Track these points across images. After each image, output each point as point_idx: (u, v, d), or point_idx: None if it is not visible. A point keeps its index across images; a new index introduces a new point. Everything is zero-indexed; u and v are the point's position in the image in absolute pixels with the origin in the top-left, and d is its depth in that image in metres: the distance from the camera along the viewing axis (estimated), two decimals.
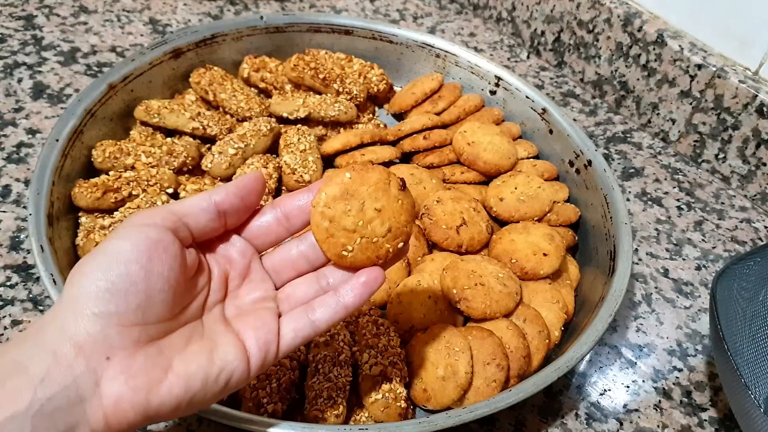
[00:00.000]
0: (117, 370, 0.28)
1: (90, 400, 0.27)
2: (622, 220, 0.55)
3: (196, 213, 0.32)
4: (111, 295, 0.28)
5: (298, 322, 0.34)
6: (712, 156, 0.71)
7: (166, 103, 0.61)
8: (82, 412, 0.27)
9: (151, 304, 0.29)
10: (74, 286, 0.28)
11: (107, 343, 0.28)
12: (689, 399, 0.51)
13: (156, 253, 0.29)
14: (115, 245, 0.29)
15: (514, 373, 0.47)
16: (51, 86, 0.68)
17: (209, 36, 0.67)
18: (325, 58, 0.69)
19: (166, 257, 0.30)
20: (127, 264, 0.29)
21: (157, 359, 0.29)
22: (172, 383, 0.29)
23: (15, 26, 0.74)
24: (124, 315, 0.28)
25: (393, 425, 0.40)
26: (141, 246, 0.29)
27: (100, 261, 0.29)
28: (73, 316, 0.28)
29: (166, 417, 0.30)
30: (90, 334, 0.28)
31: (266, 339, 0.33)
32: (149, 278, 0.29)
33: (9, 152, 0.60)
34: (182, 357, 0.30)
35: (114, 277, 0.28)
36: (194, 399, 0.30)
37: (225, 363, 0.31)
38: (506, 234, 0.55)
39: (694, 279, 0.61)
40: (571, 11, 0.79)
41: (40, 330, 0.28)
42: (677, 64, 0.70)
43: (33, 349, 0.27)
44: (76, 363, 0.27)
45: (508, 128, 0.68)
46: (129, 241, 0.29)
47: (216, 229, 0.33)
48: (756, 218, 0.68)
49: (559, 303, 0.51)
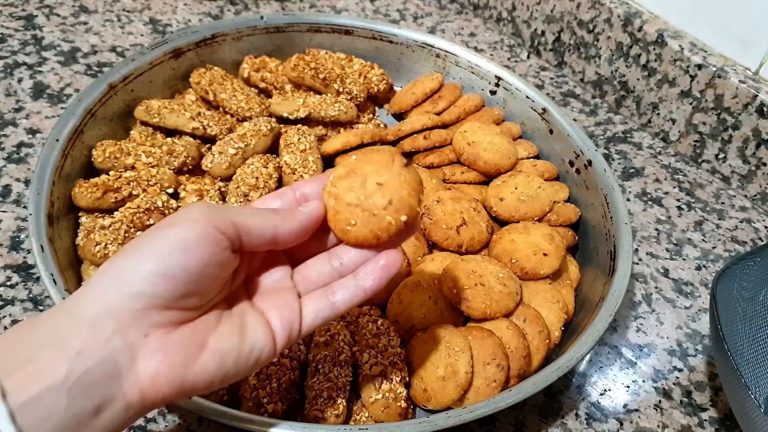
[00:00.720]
0: (154, 347, 0.29)
1: (126, 375, 0.28)
2: (622, 220, 0.55)
3: (257, 235, 0.33)
4: (163, 280, 0.29)
5: (318, 303, 0.34)
6: (713, 156, 0.71)
7: (167, 103, 0.61)
8: (118, 386, 0.28)
9: (196, 293, 0.30)
10: (126, 262, 0.29)
11: (147, 321, 0.29)
12: (689, 399, 0.51)
13: (213, 252, 0.30)
14: (178, 233, 0.30)
15: (514, 373, 0.47)
16: (51, 86, 0.68)
17: (209, 36, 0.67)
18: (326, 58, 0.69)
19: (219, 259, 0.31)
20: (187, 254, 0.29)
21: (193, 337, 0.30)
22: (206, 360, 0.30)
23: (15, 26, 0.74)
24: (169, 299, 0.29)
25: (393, 425, 0.40)
26: (202, 242, 0.30)
27: (160, 245, 0.30)
28: (117, 291, 0.28)
29: (199, 392, 0.31)
30: (132, 311, 0.28)
31: (290, 318, 0.33)
32: (202, 273, 0.30)
33: (9, 152, 0.60)
34: (216, 336, 0.31)
35: (172, 263, 0.29)
36: (227, 375, 0.31)
37: (255, 342, 0.32)
38: (506, 234, 0.55)
39: (694, 279, 0.61)
40: (571, 11, 0.79)
41: (77, 303, 0.28)
42: (677, 64, 0.70)
43: (69, 321, 0.28)
44: (113, 338, 0.28)
45: (508, 128, 0.68)
46: (193, 233, 0.30)
47: (263, 246, 0.34)
48: (756, 218, 0.68)
49: (560, 303, 0.51)
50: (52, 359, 0.26)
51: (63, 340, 0.27)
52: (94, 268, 0.50)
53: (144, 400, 0.29)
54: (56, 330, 0.27)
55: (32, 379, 0.26)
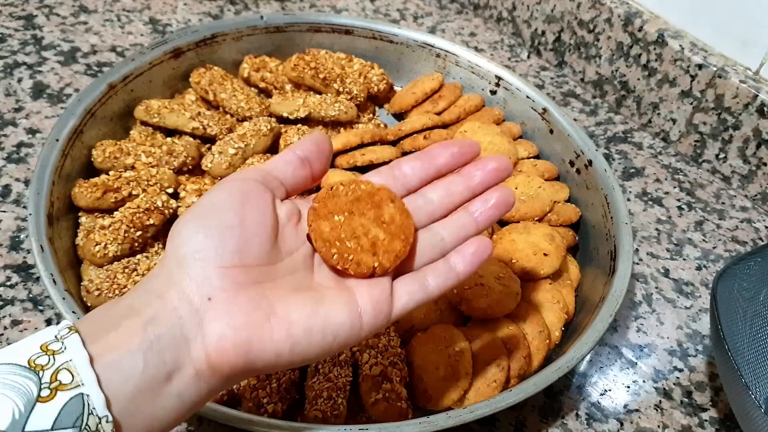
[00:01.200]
0: (218, 310, 0.29)
1: (194, 340, 0.29)
2: (622, 220, 0.55)
3: (281, 166, 0.34)
4: (209, 240, 0.30)
5: (412, 285, 0.34)
6: (713, 156, 0.71)
7: (166, 103, 0.61)
8: (187, 351, 0.29)
9: (248, 246, 0.30)
10: (176, 238, 0.31)
11: (208, 284, 0.29)
12: (690, 399, 0.51)
13: (248, 200, 0.31)
14: (210, 197, 0.32)
15: (515, 373, 0.47)
16: (51, 86, 0.68)
17: (209, 36, 0.67)
18: (326, 58, 0.69)
19: (258, 204, 0.32)
20: (223, 212, 0.31)
21: (260, 302, 0.30)
22: (273, 327, 0.30)
23: (15, 26, 0.74)
24: (221, 257, 0.30)
25: (393, 425, 0.40)
26: (234, 195, 0.31)
27: (196, 212, 0.31)
28: (176, 263, 0.30)
29: (268, 365, 0.30)
30: (192, 277, 0.29)
31: (380, 298, 0.32)
32: (243, 223, 0.31)
33: (9, 152, 0.60)
34: (285, 303, 0.30)
35: (210, 223, 0.30)
36: (296, 348, 0.30)
37: (330, 316, 0.31)
38: (507, 234, 0.55)
39: (694, 279, 0.61)
40: (571, 11, 0.79)
41: (149, 279, 0.30)
42: (678, 63, 0.70)
43: (143, 294, 0.29)
44: (180, 305, 0.29)
45: (508, 128, 0.67)
46: (223, 193, 0.32)
47: (305, 177, 0.35)
48: (756, 218, 0.68)
49: (560, 303, 0.51)
50: (129, 327, 0.28)
51: (139, 311, 0.29)
52: (93, 268, 0.50)
53: (211, 367, 0.29)
54: (134, 302, 0.29)
55: (113, 345, 0.27)
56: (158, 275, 0.30)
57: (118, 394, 0.27)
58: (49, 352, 0.26)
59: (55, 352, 0.26)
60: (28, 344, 0.27)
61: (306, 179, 0.35)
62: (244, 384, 0.43)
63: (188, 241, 0.30)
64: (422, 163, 0.36)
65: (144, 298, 0.29)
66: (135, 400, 0.27)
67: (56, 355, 0.26)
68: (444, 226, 0.36)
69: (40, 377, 0.26)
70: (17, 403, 0.25)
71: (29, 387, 0.25)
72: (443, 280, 0.34)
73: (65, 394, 0.25)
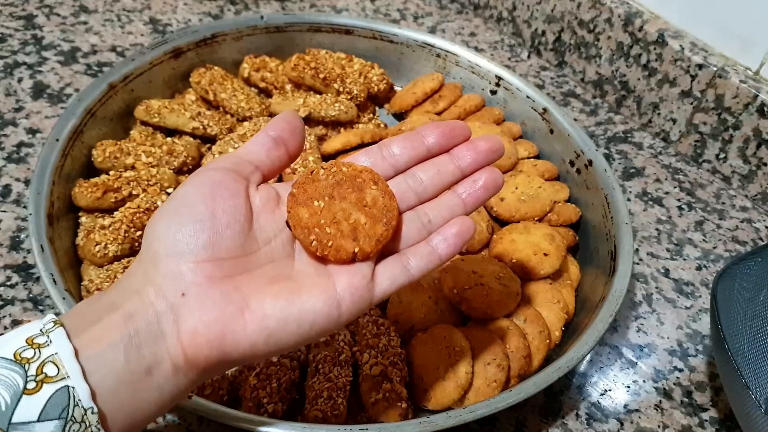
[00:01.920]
0: (191, 305, 0.29)
1: (171, 335, 0.29)
2: (622, 220, 0.55)
3: (255, 149, 0.34)
4: (179, 235, 0.30)
5: (394, 270, 0.33)
6: (713, 156, 0.71)
7: (167, 103, 0.61)
8: (164, 346, 0.29)
9: (220, 239, 0.30)
10: (149, 235, 0.31)
11: (181, 280, 0.29)
12: (690, 399, 0.51)
13: (219, 192, 0.31)
14: (181, 192, 0.32)
15: (515, 373, 0.47)
16: (51, 86, 0.68)
17: (209, 36, 0.67)
18: (326, 58, 0.69)
19: (229, 195, 0.31)
20: (193, 206, 0.31)
21: (233, 296, 0.30)
22: (247, 320, 0.30)
23: (15, 26, 0.74)
24: (193, 252, 0.30)
25: (393, 425, 0.40)
26: (204, 188, 0.31)
27: (168, 208, 0.31)
28: (152, 260, 0.30)
29: (245, 356, 0.30)
30: (165, 274, 0.30)
31: (359, 285, 0.32)
32: (215, 216, 0.31)
33: (9, 152, 0.60)
34: (259, 295, 0.30)
35: (181, 219, 0.30)
36: (272, 339, 0.30)
37: (305, 306, 0.30)
38: (507, 234, 0.55)
39: (694, 279, 0.61)
40: (571, 11, 0.79)
41: (128, 276, 0.31)
42: (678, 63, 0.70)
43: (123, 290, 0.30)
44: (156, 301, 0.29)
45: (508, 128, 0.67)
46: (192, 186, 0.32)
47: (281, 157, 0.35)
48: (757, 218, 0.68)
49: (560, 303, 0.51)
50: (110, 322, 0.29)
51: (119, 307, 0.29)
52: (94, 268, 0.50)
53: (188, 362, 0.29)
54: (115, 298, 0.30)
55: (96, 338, 0.28)
56: (136, 272, 0.31)
57: (101, 386, 0.27)
58: (35, 346, 0.27)
59: (40, 346, 0.27)
60: (14, 337, 0.27)
61: (282, 159, 0.35)
62: (244, 384, 0.43)
63: (160, 237, 0.30)
64: (411, 143, 0.36)
65: (123, 294, 0.30)
66: (118, 392, 0.28)
67: (42, 348, 0.27)
68: (432, 208, 0.35)
69: (26, 370, 0.26)
70: (4, 396, 0.25)
71: (15, 380, 0.26)
72: (425, 262, 0.34)
73: (51, 386, 0.26)
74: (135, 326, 0.28)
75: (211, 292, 0.30)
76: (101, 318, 0.29)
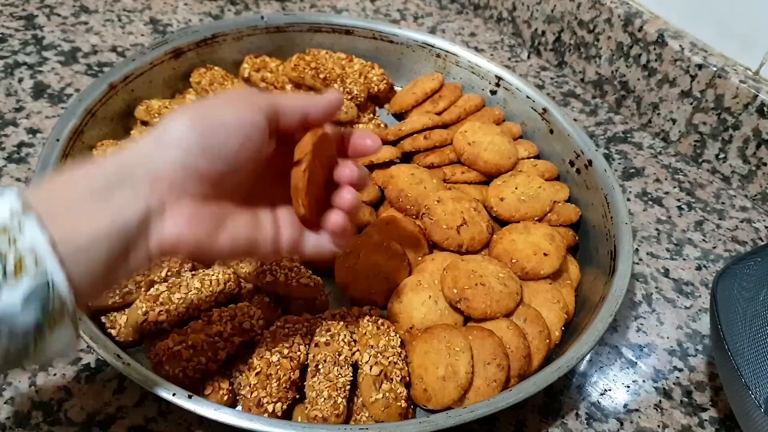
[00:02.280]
0: (185, 213, 0.32)
1: (154, 230, 0.31)
2: (622, 220, 0.55)
3: (291, 112, 0.36)
4: (204, 155, 0.32)
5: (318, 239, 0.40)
6: (713, 156, 0.71)
7: (167, 103, 0.61)
8: (145, 238, 0.31)
9: (231, 173, 0.33)
10: (173, 128, 0.32)
11: (184, 189, 0.32)
12: (690, 399, 0.51)
13: (252, 133, 0.33)
14: (223, 113, 0.33)
15: (515, 373, 0.47)
16: (52, 86, 0.68)
17: (210, 36, 0.67)
18: (326, 58, 0.69)
19: (258, 141, 0.34)
20: (228, 136, 0.32)
21: (216, 216, 0.34)
22: (222, 238, 0.34)
23: (16, 26, 0.74)
24: (206, 175, 0.32)
25: (393, 425, 0.40)
26: (244, 124, 0.33)
27: (204, 121, 0.32)
28: (161, 156, 0.32)
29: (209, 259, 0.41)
30: (171, 178, 0.31)
31: (294, 238, 0.38)
32: (239, 154, 0.33)
33: (10, 152, 0.60)
34: (234, 221, 0.35)
35: (213, 140, 0.32)
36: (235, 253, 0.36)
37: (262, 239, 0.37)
38: (507, 234, 0.55)
39: (694, 279, 0.61)
40: (571, 11, 0.79)
41: (122, 160, 0.31)
42: (678, 64, 0.70)
43: (115, 178, 0.31)
44: (151, 196, 0.31)
45: (508, 128, 0.68)
46: (236, 115, 0.33)
47: (297, 128, 0.37)
48: (756, 218, 0.68)
49: (560, 303, 0.51)
50: (97, 210, 0.29)
51: (108, 194, 0.30)
52: None
53: (162, 255, 0.33)
54: (101, 183, 0.30)
55: (78, 228, 0.29)
56: (135, 157, 0.32)
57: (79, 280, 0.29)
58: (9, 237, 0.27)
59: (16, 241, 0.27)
60: None
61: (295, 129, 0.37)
62: (244, 384, 0.43)
63: (183, 143, 0.32)
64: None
65: (116, 181, 0.30)
66: (92, 280, 0.30)
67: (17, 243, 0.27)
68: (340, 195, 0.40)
69: (4, 265, 0.26)
70: None
71: None
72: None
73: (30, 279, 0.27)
74: (125, 217, 0.30)
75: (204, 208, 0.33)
76: (82, 204, 0.29)
